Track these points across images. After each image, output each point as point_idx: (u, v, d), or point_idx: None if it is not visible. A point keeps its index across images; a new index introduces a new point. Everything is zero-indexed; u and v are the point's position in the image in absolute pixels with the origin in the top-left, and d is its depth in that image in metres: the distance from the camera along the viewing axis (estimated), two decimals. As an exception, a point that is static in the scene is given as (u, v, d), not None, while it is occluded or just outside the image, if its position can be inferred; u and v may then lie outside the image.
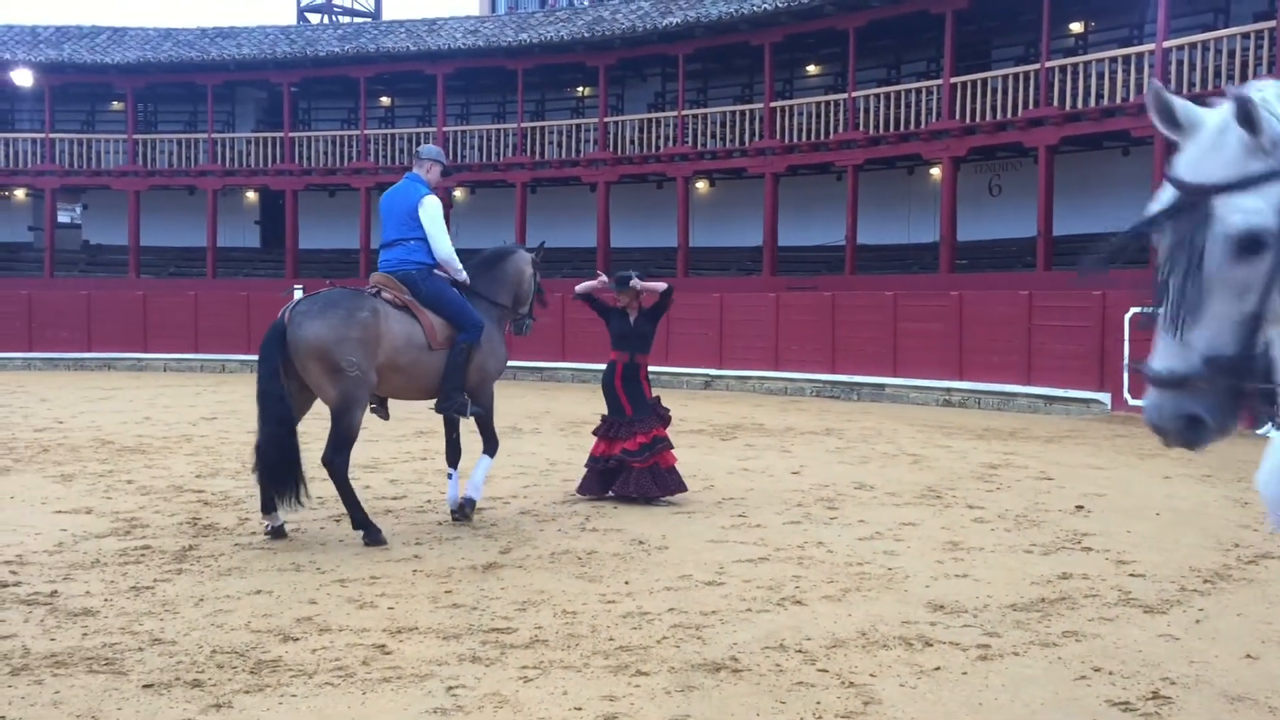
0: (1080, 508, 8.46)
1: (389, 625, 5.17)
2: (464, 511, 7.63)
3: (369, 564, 6.42)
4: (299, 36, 28.77)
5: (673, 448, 8.72)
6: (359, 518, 7.01)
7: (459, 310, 7.47)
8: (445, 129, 26.58)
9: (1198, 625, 5.35)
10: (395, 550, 6.79)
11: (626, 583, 6.05)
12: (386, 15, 35.91)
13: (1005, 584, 6.09)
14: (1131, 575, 6.31)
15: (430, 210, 7.54)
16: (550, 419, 15.02)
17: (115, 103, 29.57)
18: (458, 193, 27.22)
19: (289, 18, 36.89)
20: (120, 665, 4.58)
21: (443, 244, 7.58)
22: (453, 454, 7.96)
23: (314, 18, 35.86)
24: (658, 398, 8.92)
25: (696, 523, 7.78)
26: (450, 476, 7.88)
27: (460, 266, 7.70)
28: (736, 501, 8.63)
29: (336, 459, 7.01)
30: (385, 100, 29.51)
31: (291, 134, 27.69)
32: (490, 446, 7.92)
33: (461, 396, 7.49)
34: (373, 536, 6.92)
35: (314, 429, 7.81)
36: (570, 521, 7.77)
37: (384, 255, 7.62)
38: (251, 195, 29.55)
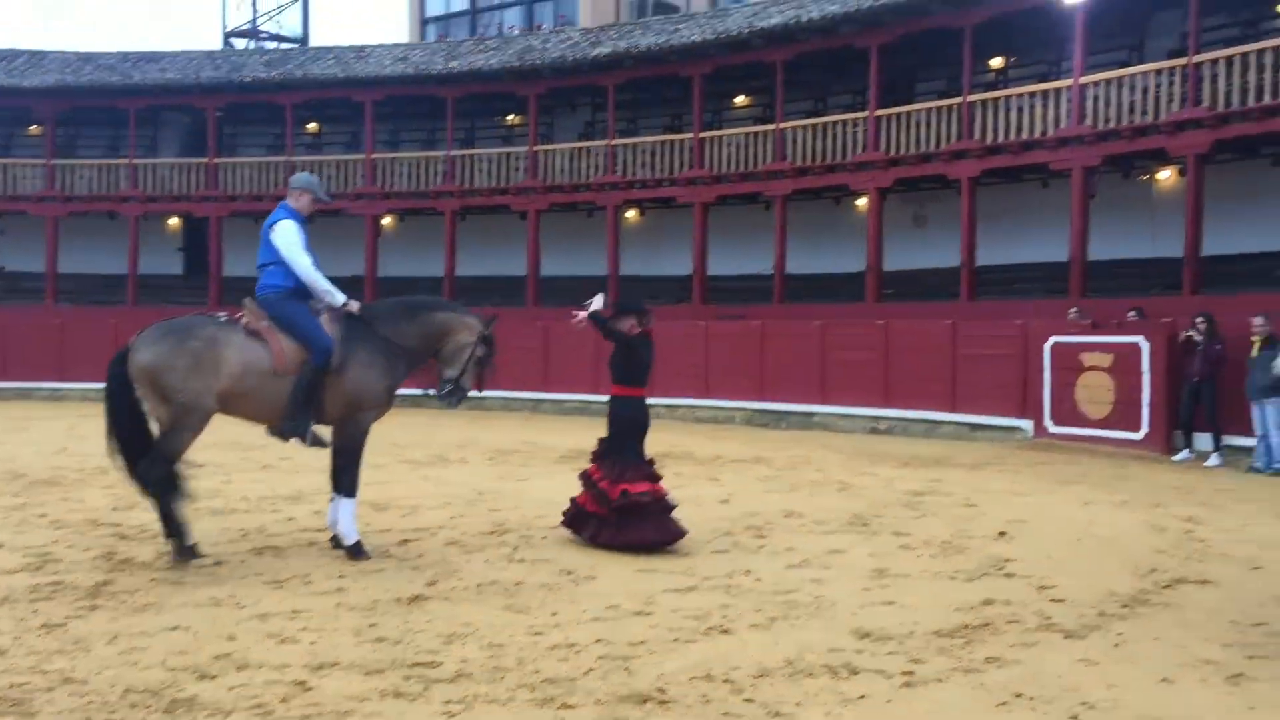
0: (1003, 534, 8.58)
1: (310, 661, 5.07)
2: (355, 552, 7.34)
3: (290, 598, 6.29)
4: (225, 62, 28.43)
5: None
6: (172, 529, 7.09)
7: (304, 332, 7.30)
8: (374, 156, 26.40)
9: (1115, 649, 5.44)
10: (318, 583, 6.66)
11: (554, 614, 6.00)
12: (314, 42, 35.65)
13: (930, 610, 6.15)
14: (1052, 600, 6.41)
15: (281, 236, 7.42)
16: (478, 448, 14.91)
17: (33, 127, 28.89)
18: (386, 220, 27.02)
19: (215, 43, 36.47)
20: (28, 706, 4.43)
21: (300, 266, 7.41)
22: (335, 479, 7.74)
23: (240, 43, 35.48)
24: (650, 460, 8.14)
25: (624, 554, 7.74)
26: (331, 500, 7.71)
27: (329, 288, 7.49)
28: (665, 530, 8.60)
29: (153, 470, 7.04)
30: (313, 127, 29.22)
31: (216, 160, 27.30)
32: (349, 486, 7.48)
33: (301, 422, 7.26)
34: (183, 553, 7.03)
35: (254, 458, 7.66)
36: (498, 552, 7.70)
37: (258, 281, 7.58)
38: (174, 221, 29.04)
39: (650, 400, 8.36)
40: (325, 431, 7.55)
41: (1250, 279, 17.09)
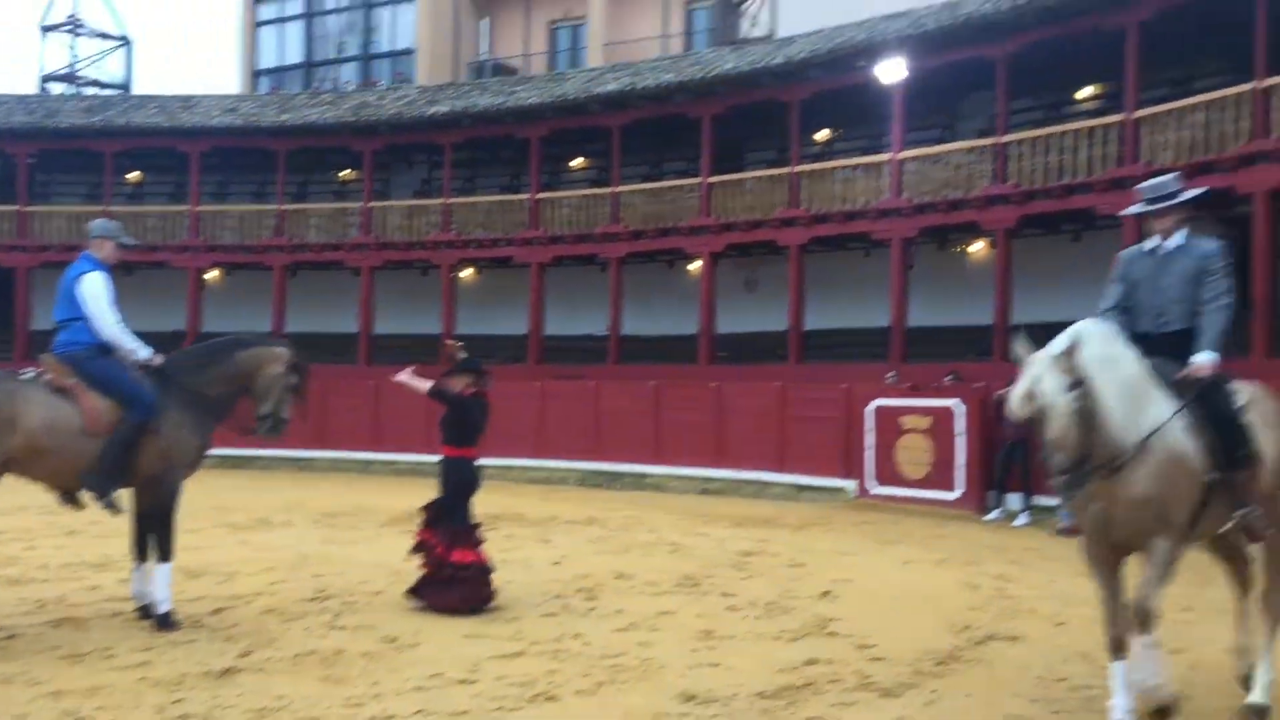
0: (827, 594, 8.77)
1: (107, 741, 4.77)
2: (164, 622, 6.99)
3: (89, 673, 5.91)
4: (39, 106, 27.16)
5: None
6: None
7: (124, 389, 6.99)
8: (199, 208, 25.58)
9: (929, 708, 5.60)
10: (121, 657, 6.29)
11: (374, 683, 5.82)
12: (138, 90, 34.42)
13: (754, 671, 6.21)
14: (872, 659, 6.57)
15: (88, 288, 7.05)
16: (305, 510, 14.43)
17: None
18: (212, 274, 26.14)
19: (30, 86, 34.85)
20: None
21: (106, 323, 7.06)
22: (139, 546, 7.35)
23: (57, 88, 33.98)
24: (477, 524, 8.14)
25: (451, 617, 7.59)
26: (136, 569, 7.35)
27: (134, 344, 7.17)
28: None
29: None
30: (134, 176, 28.11)
31: (28, 207, 25.96)
32: (166, 550, 7.19)
33: (107, 479, 6.91)
34: None
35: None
36: (318, 619, 7.43)
37: (58, 337, 7.14)
38: (-20, 271, 27.40)
39: (483, 460, 8.30)
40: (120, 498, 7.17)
41: (1055, 346, 18.08)
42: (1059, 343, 5.00)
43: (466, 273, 25.38)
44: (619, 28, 30.33)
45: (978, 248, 20.42)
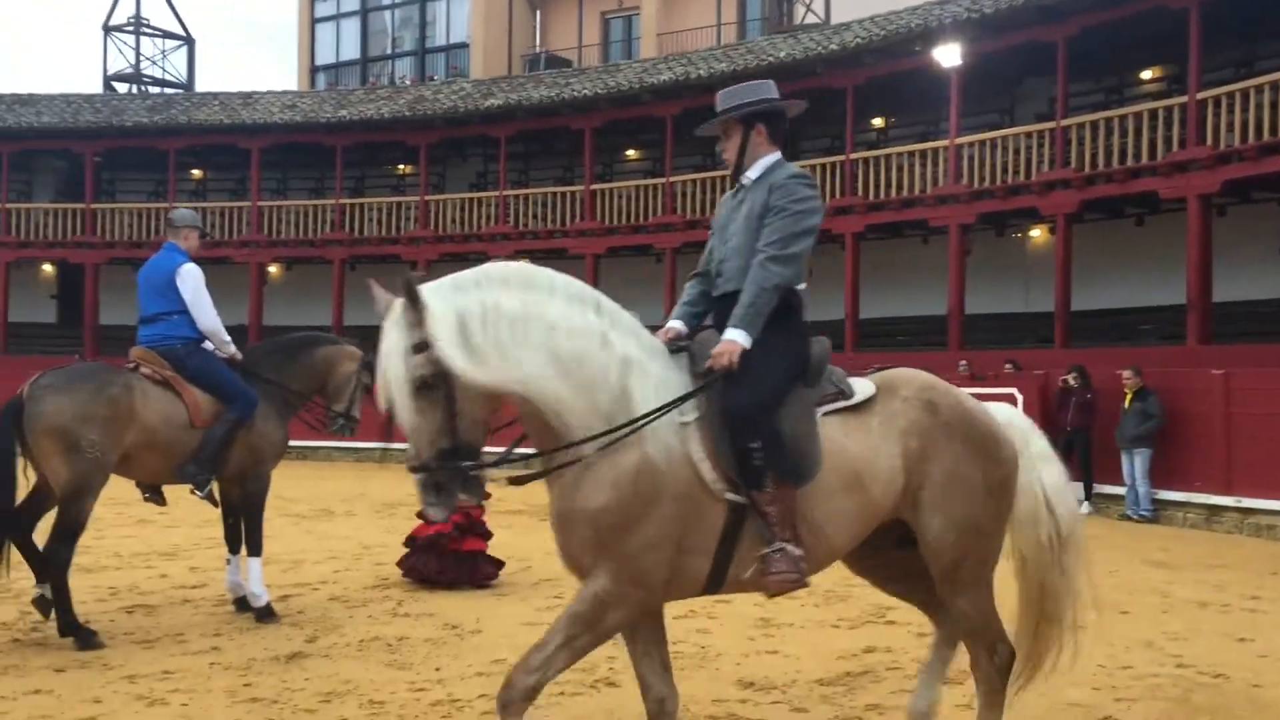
0: (885, 582, 8.72)
1: (181, 723, 4.90)
2: (264, 614, 7.12)
3: (161, 657, 6.07)
4: (104, 106, 27.75)
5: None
6: (68, 621, 6.35)
7: (229, 385, 7.03)
8: (260, 203, 25.99)
9: (991, 694, 5.56)
10: (192, 642, 6.45)
11: (437, 669, 5.91)
12: (200, 88, 35.03)
13: (813, 659, 6.22)
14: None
15: (189, 281, 7.08)
16: (366, 501, 14.65)
17: (-102, 168, 27.78)
18: (273, 269, 26.56)
19: (95, 86, 35.56)
20: (-128, 779, 4.19)
21: (207, 316, 7.11)
22: (233, 538, 7.49)
23: (122, 87, 34.66)
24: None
25: (512, 605, 7.68)
26: (229, 562, 7.49)
27: (227, 339, 7.24)
28: (553, 583, 8.56)
29: (61, 551, 6.40)
30: (196, 173, 28.65)
31: (94, 205, 26.55)
32: (254, 545, 7.30)
33: (207, 471, 6.98)
34: (85, 641, 6.27)
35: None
36: (381, 607, 7.56)
37: (144, 331, 7.11)
38: (48, 268, 28.09)
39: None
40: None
41: (1117, 333, 17.85)
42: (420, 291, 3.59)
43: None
44: (672, 17, 30.30)
45: (1037, 234, 20.17)
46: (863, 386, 4.15)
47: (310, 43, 34.17)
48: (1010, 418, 4.47)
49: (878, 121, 22.39)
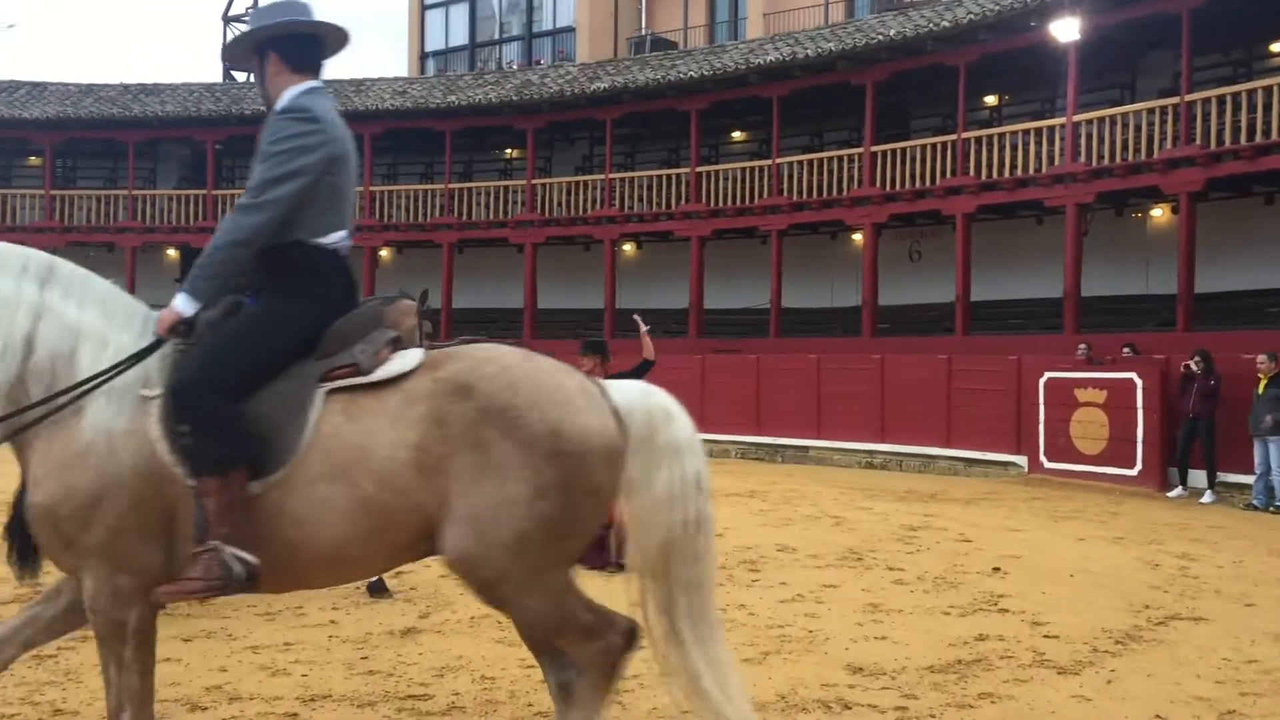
0: (997, 569, 8.58)
1: (302, 693, 5.06)
2: (375, 590, 7.26)
3: (283, 630, 6.27)
4: (224, 94, 28.59)
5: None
6: None
7: None
8: (372, 188, 26.52)
9: (1109, 686, 5.44)
10: (311, 615, 6.65)
11: (547, 647, 5.98)
12: (315, 75, 35.80)
13: (923, 646, 6.14)
14: (1046, 636, 6.40)
15: None
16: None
17: (32, 158, 29.05)
18: (384, 252, 27.11)
19: (215, 75, 36.68)
20: (17, 738, 4.42)
21: None
22: None
23: (240, 76, 35.64)
24: None
25: (617, 585, 7.72)
26: None
27: None
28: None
29: None
30: (312, 159, 29.36)
31: (215, 191, 27.43)
32: None
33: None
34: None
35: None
36: (491, 585, 7.68)
37: None
38: (172, 253, 29.10)
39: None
40: None
41: (1243, 316, 17.17)
42: None
43: (628, 247, 25.64)
44: (779, -3, 29.97)
45: (1159, 213, 19.50)
46: (402, 361, 3.56)
47: (420, 29, 34.71)
48: (636, 403, 3.68)
49: (991, 99, 21.87)
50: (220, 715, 4.73)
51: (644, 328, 8.51)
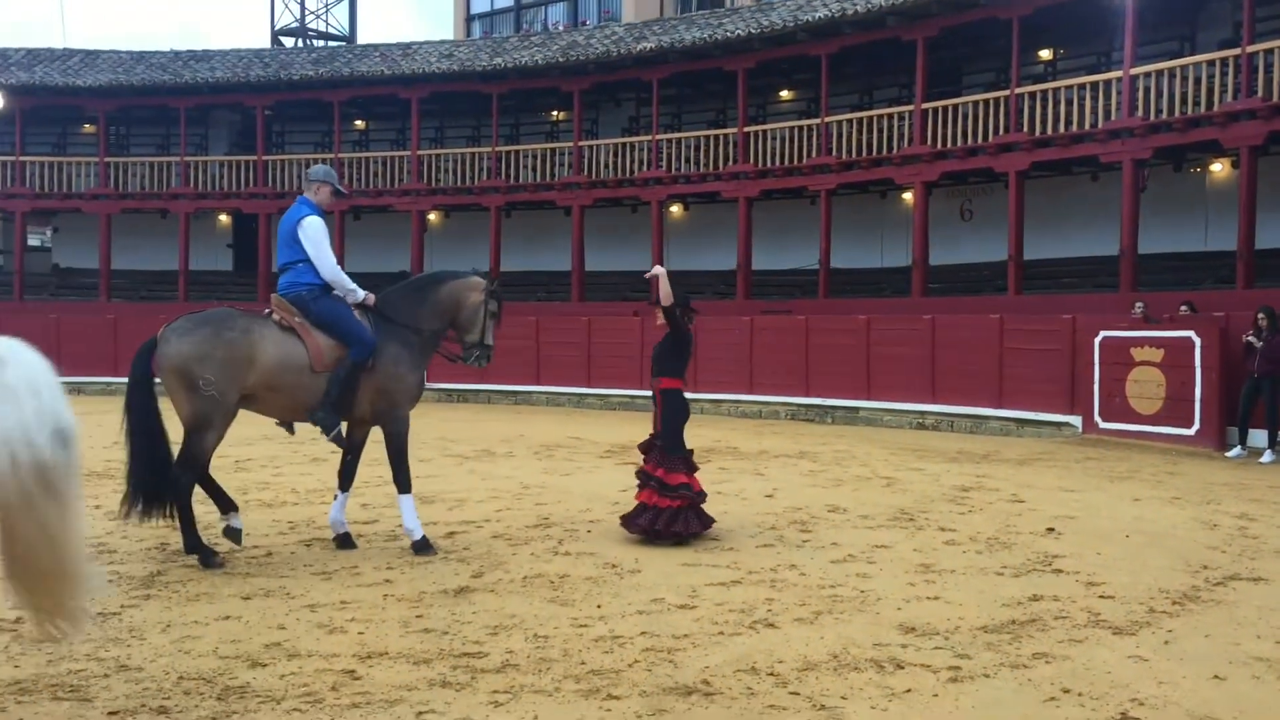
0: (1051, 530, 8.50)
1: (359, 650, 5.14)
2: (420, 548, 7.38)
3: (339, 589, 6.37)
4: (273, 60, 28.74)
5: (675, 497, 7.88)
6: (191, 541, 6.95)
7: (346, 329, 7.30)
8: (420, 152, 26.59)
9: (1166, 647, 5.38)
10: (366, 575, 6.74)
11: (599, 606, 6.03)
12: (361, 39, 35.97)
13: (976, 606, 6.11)
14: (1101, 597, 6.35)
15: (309, 232, 7.37)
16: (524, 442, 14.98)
17: (87, 125, 29.44)
18: (432, 216, 27.21)
19: (263, 41, 36.86)
20: (85, 692, 4.53)
21: (326, 265, 7.38)
22: (345, 476, 7.73)
23: (288, 41, 35.84)
24: (690, 451, 8.19)
25: (669, 547, 7.76)
26: (336, 497, 7.73)
27: (353, 286, 7.50)
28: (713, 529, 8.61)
29: (182, 477, 6.95)
30: (360, 123, 29.50)
31: (265, 157, 27.64)
32: (403, 481, 7.54)
33: (334, 414, 7.28)
34: (208, 560, 6.89)
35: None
36: (543, 545, 7.75)
37: (280, 280, 7.48)
38: (224, 218, 29.44)
39: (694, 395, 8.43)
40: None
41: (1306, 272, 16.79)
42: None
43: (675, 208, 25.53)
44: (827, -48, 29.48)
45: (1218, 168, 19.07)
46: None
47: (466, -9, 34.58)
48: None
49: (1045, 54, 21.43)
50: (280, 672, 4.81)
51: (658, 270, 8.40)
